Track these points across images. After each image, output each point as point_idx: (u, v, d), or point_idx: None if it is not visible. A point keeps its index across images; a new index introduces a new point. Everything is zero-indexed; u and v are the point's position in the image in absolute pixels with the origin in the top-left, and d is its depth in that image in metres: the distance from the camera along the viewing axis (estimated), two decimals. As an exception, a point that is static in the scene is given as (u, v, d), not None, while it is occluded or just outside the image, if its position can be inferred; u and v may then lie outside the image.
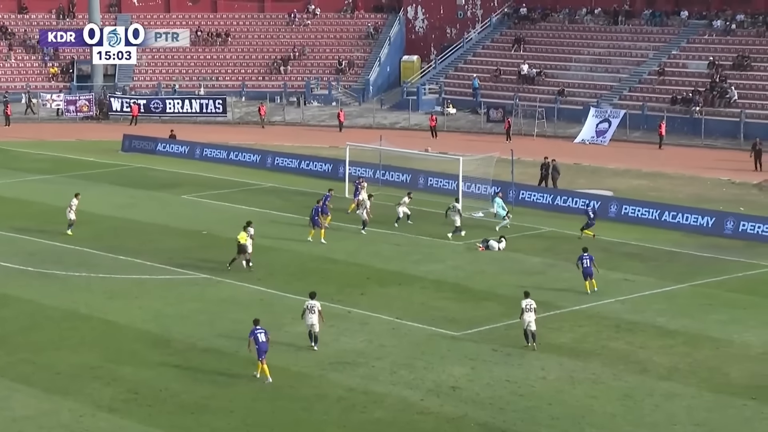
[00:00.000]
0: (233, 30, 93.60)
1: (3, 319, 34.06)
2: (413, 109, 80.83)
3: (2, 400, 27.57)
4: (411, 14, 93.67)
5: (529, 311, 31.57)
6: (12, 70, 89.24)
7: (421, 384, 28.81)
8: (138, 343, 31.86)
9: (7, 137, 72.38)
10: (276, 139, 71.79)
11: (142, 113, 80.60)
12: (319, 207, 44.08)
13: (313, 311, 31.28)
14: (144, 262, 40.85)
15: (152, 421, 26.32)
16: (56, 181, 57.51)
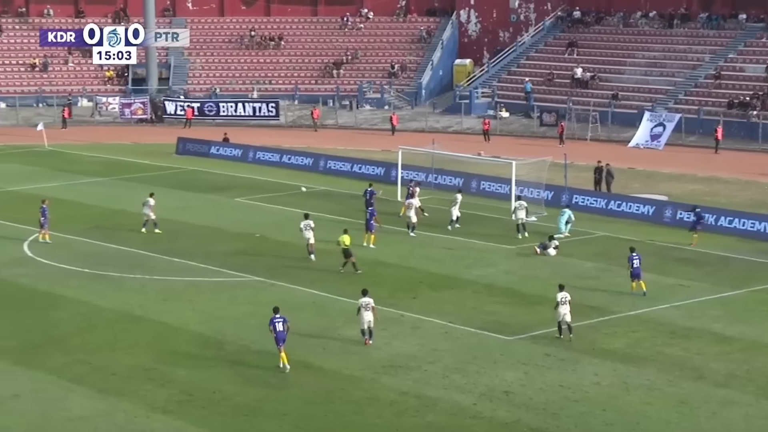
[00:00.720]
0: (286, 34, 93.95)
1: (59, 321, 34.40)
2: (466, 112, 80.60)
3: (59, 400, 27.85)
4: (464, 18, 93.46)
5: (564, 304, 32.17)
6: (70, 73, 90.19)
7: (474, 388, 28.71)
8: (191, 345, 32.05)
9: (63, 140, 73.17)
10: (328, 142, 71.95)
11: (196, 116, 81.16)
12: (373, 209, 44.03)
13: (368, 308, 31.75)
14: (197, 265, 41.09)
15: (206, 423, 26.45)
16: (111, 184, 58.08)
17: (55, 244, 43.89)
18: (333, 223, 46.09)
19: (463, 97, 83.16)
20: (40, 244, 43.78)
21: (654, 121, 72.12)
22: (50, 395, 28.19)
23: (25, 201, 52.67)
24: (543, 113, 77.71)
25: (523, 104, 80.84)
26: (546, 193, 51.06)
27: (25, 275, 39.50)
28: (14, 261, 41.63)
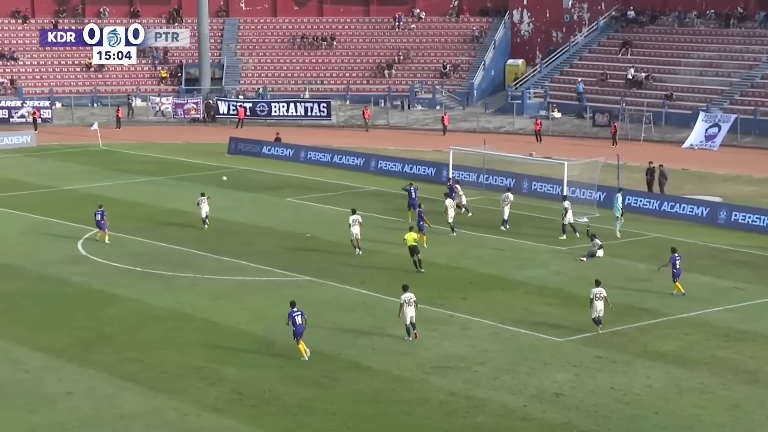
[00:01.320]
0: (338, 34, 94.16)
1: (111, 319, 34.69)
2: (518, 113, 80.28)
3: (111, 397, 28.08)
4: (517, 18, 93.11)
5: (599, 300, 32.52)
6: (125, 74, 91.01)
7: (524, 390, 28.58)
8: (242, 344, 32.17)
9: (117, 139, 73.84)
10: (380, 142, 72.01)
11: (249, 116, 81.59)
12: (422, 210, 43.95)
13: (410, 304, 31.95)
14: (248, 264, 41.27)
15: (256, 421, 26.54)
16: (163, 183, 58.52)
17: (108, 243, 44.25)
18: (383, 222, 46.12)
19: (515, 98, 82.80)
20: (94, 243, 44.15)
21: (709, 122, 71.39)
22: (102, 392, 28.43)
23: (80, 200, 53.24)
24: (596, 114, 77.24)
25: (576, 105, 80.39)
26: (598, 194, 50.69)
27: (79, 273, 39.89)
28: (68, 259, 42.06)
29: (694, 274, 39.64)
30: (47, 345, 31.97)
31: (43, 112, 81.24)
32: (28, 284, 38.57)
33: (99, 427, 26.21)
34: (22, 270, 40.50)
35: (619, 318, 34.51)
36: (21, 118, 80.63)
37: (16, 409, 27.27)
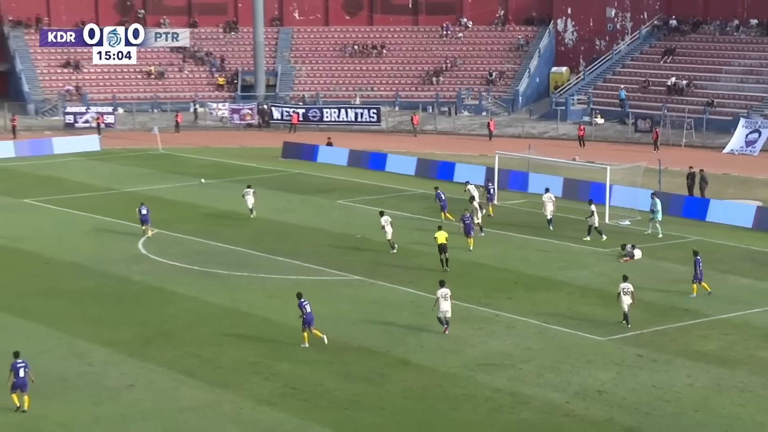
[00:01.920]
0: (388, 42, 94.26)
1: (170, 315, 34.96)
2: (562, 119, 79.99)
3: (170, 391, 28.31)
4: (561, 27, 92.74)
5: (627, 294, 33.08)
6: (184, 80, 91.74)
7: (567, 387, 28.47)
8: (295, 341, 32.23)
9: (176, 143, 74.38)
10: (427, 147, 72.01)
11: (301, 122, 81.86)
12: (466, 216, 43.76)
13: (446, 298, 32.32)
14: (301, 264, 41.42)
15: (308, 415, 26.65)
16: (220, 186, 58.83)
17: (167, 243, 44.65)
18: (430, 224, 46.05)
19: (559, 104, 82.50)
20: (154, 243, 44.53)
21: (749, 128, 70.66)
22: (162, 386, 28.67)
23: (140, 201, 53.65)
24: (638, 120, 76.73)
25: (618, 111, 79.88)
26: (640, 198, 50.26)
27: (139, 272, 40.22)
28: (129, 258, 42.42)
29: (734, 276, 39.32)
30: (110, 340, 32.29)
31: (107, 118, 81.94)
32: (91, 282, 38.96)
33: (159, 419, 26.43)
34: (86, 268, 40.91)
35: (660, 318, 34.31)
36: (86, 123, 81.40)
37: (81, 400, 27.59)
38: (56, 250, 43.70)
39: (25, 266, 41.28)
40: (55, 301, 36.46)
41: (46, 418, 26.43)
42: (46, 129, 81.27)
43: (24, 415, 26.53)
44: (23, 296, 37.06)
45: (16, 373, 26.92)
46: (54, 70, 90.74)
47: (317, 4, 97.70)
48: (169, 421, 26.33)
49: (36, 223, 49.28)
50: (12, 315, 34.83)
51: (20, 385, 26.82)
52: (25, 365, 27.09)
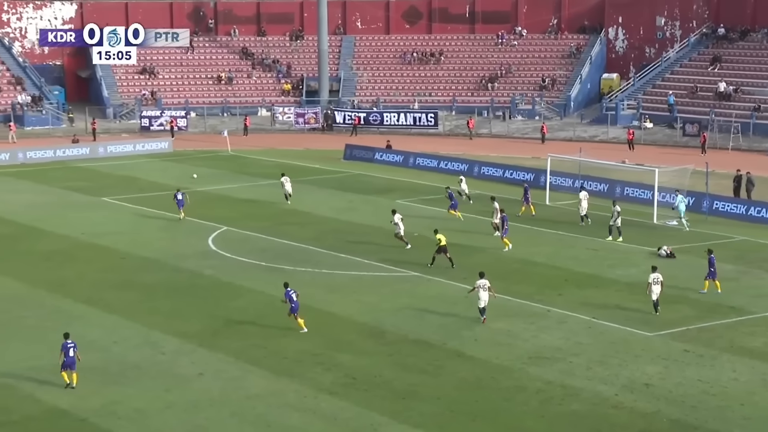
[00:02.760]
0: (446, 50, 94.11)
1: (238, 308, 35.17)
2: (612, 123, 79.39)
3: (237, 379, 28.49)
4: (612, 35, 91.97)
5: (656, 284, 33.49)
6: (252, 86, 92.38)
7: (616, 380, 28.22)
8: (355, 334, 32.36)
9: (244, 146, 74.90)
10: (482, 149, 71.79)
11: (363, 125, 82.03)
12: (506, 217, 43.39)
13: (485, 289, 32.63)
14: (361, 260, 41.48)
15: (367, 404, 26.68)
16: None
17: (235, 240, 44.95)
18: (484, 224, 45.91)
19: (609, 109, 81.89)
20: (223, 239, 44.83)
21: (794, 132, 69.60)
22: (230, 375, 28.86)
23: (210, 200, 54.14)
24: (686, 124, 75.90)
25: (667, 116, 79.07)
26: (687, 199, 49.72)
27: (210, 267, 40.51)
28: (200, 254, 42.76)
29: (779, 276, 38.76)
30: (181, 331, 32.56)
31: (179, 121, 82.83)
32: (164, 276, 39.34)
33: (227, 406, 26.61)
34: (159, 263, 41.31)
35: (707, 315, 33.89)
36: (160, 126, 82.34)
37: (154, 387, 27.86)
38: (132, 245, 44.18)
39: (103, 261, 41.79)
40: (131, 294, 36.87)
41: (121, 403, 26.74)
42: (124, 132, 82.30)
43: (101, 401, 26.84)
44: (101, 289, 37.52)
45: (66, 353, 27.70)
46: (131, 76, 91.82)
47: (379, 13, 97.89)
48: (237, 407, 26.50)
49: (113, 221, 49.88)
50: (91, 306, 35.28)
51: (69, 363, 27.60)
52: (74, 345, 27.88)
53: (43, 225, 48.34)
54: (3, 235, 46.45)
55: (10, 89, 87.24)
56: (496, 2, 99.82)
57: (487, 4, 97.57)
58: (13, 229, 47.59)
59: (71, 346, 27.84)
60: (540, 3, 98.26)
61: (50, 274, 39.38)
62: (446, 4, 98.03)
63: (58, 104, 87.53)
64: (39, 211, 51.69)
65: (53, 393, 27.27)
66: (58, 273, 39.63)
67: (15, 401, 26.80)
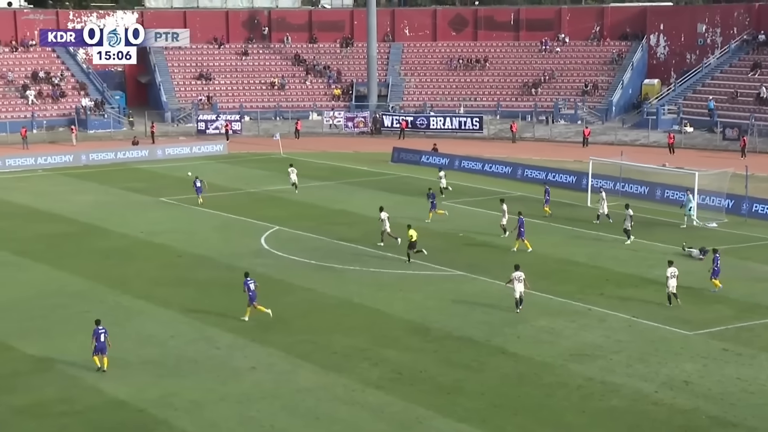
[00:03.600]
0: (491, 56, 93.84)
1: (289, 305, 35.30)
2: (652, 127, 78.66)
3: (288, 373, 28.61)
4: (653, 42, 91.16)
5: (673, 278, 34.08)
6: (304, 91, 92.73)
7: (655, 377, 27.96)
8: (401, 330, 32.36)
9: (296, 149, 75.18)
10: (526, 153, 71.47)
11: (409, 129, 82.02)
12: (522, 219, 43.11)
13: (520, 281, 33.17)
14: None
15: (413, 398, 26.68)
16: (335, 187, 59.29)
17: (287, 239, 45.13)
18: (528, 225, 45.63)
19: (650, 114, 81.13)
20: (275, 239, 45.02)
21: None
22: (281, 368, 28.98)
23: (263, 201, 54.44)
24: (726, 128, 74.99)
25: (707, 120, 78.18)
26: (726, 202, 49.28)
27: (262, 265, 40.65)
28: (253, 252, 42.97)
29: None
30: (235, 326, 32.75)
31: (234, 125, 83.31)
32: (219, 273, 39.57)
33: (278, 398, 26.74)
34: (214, 261, 41.58)
35: (746, 314, 33.49)
36: (215, 129, 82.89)
37: (210, 380, 28.07)
38: (188, 244, 44.53)
39: (161, 258, 42.16)
40: (186, 290, 37.15)
41: (177, 395, 26.96)
42: (181, 135, 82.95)
43: (158, 392, 27.09)
44: (159, 285, 37.86)
45: (97, 338, 28.45)
46: (189, 81, 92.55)
47: (426, 21, 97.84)
48: (287, 400, 26.62)
49: (170, 220, 50.31)
50: (149, 302, 35.61)
51: (100, 348, 28.40)
52: (104, 331, 28.59)
53: (105, 224, 48.90)
54: (67, 233, 47.06)
55: (75, 94, 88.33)
56: (540, 10, 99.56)
57: (532, 13, 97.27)
58: (76, 228, 48.20)
59: (102, 332, 28.53)
60: (583, 11, 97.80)
61: (111, 271, 39.82)
62: (492, 13, 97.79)
63: (119, 108, 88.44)
64: (100, 211, 52.29)
65: (113, 384, 27.59)
66: (118, 270, 40.06)
67: (78, 392, 27.14)
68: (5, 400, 26.53)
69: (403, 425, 25.00)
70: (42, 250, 43.33)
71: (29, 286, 37.63)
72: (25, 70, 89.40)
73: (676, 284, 34.13)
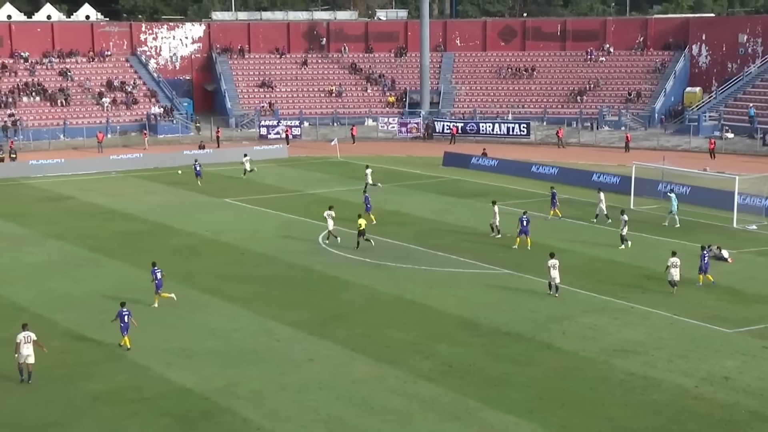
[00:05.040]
0: (538, 65, 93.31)
1: (346, 301, 35.37)
2: (694, 133, 77.64)
3: (344, 365, 28.65)
4: (695, 51, 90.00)
5: (675, 267, 35.06)
6: (359, 98, 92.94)
7: (696, 373, 27.58)
8: (452, 325, 32.26)
9: (352, 153, 75.36)
10: (571, 157, 70.92)
11: (460, 134, 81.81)
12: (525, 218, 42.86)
13: (555, 268, 34.57)
14: (458, 258, 41.36)
15: (462, 390, 26.58)
16: (388, 190, 59.23)
17: (343, 238, 45.12)
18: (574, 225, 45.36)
19: (692, 120, 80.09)
20: (332, 238, 45.04)
21: None
22: (337, 361, 29.03)
23: (320, 202, 54.50)
24: (766, 135, 73.76)
25: (747, 126, 77.03)
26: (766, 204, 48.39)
27: (319, 263, 40.81)
28: (311, 251, 43.11)
29: None
30: (294, 320, 32.88)
31: (294, 130, 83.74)
32: (279, 270, 39.76)
33: (334, 389, 26.79)
34: (274, 259, 41.78)
35: (784, 314, 32.92)
36: (276, 134, 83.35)
37: (270, 371, 28.20)
38: (250, 242, 44.80)
39: (225, 256, 42.46)
40: (249, 286, 37.37)
41: (240, 384, 27.13)
42: (244, 139, 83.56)
43: (222, 381, 27.25)
44: (223, 281, 38.12)
45: (122, 319, 29.43)
46: (252, 89, 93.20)
47: (476, 32, 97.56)
48: (343, 391, 26.66)
49: (234, 220, 50.67)
50: (214, 297, 35.88)
51: (125, 328, 29.48)
52: (128, 313, 29.60)
53: (173, 223, 49.39)
54: (139, 232, 47.61)
55: (146, 101, 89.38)
56: (586, 21, 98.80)
57: (578, 24, 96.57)
58: (147, 227, 48.74)
59: (126, 314, 29.52)
60: (627, 22, 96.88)
61: (179, 267, 40.18)
62: (539, 24, 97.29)
63: (186, 115, 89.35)
64: (169, 211, 52.83)
65: (180, 373, 27.84)
66: (186, 266, 40.42)
67: (147, 380, 27.43)
68: (83, 386, 26.91)
69: (452, 416, 24.92)
70: (116, 248, 43.89)
71: (105, 281, 38.13)
72: (101, 78, 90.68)
73: (678, 273, 34.97)
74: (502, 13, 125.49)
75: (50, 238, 45.87)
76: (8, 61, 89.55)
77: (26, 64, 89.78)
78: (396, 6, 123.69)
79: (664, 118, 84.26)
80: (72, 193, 58.90)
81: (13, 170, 67.70)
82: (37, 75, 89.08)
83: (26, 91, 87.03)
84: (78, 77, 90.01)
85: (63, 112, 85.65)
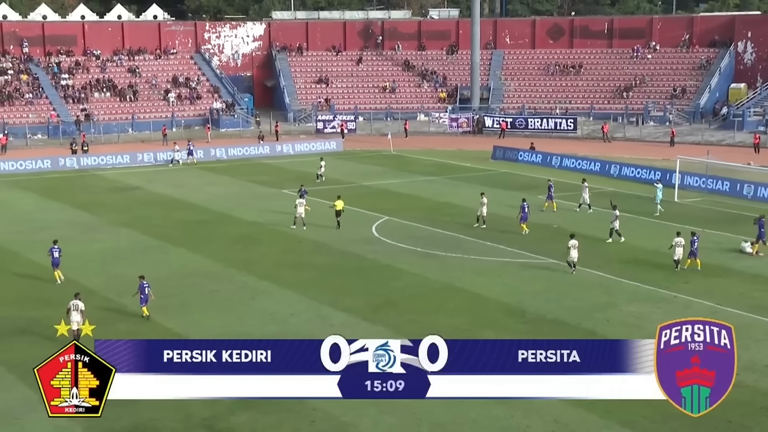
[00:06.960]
0: (585, 62, 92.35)
1: (397, 288, 35.34)
2: (738, 129, 76.29)
3: (394, 349, 28.59)
4: (741, 48, 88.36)
5: (679, 247, 36.09)
6: (412, 94, 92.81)
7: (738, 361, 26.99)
8: (498, 313, 32.11)
9: (405, 146, 75.31)
10: (616, 151, 70.11)
11: (509, 129, 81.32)
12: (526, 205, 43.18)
13: (575, 248, 35.74)
14: (506, 248, 41.13)
15: (508, 374, 26.37)
16: (440, 182, 59.14)
17: (395, 228, 45.16)
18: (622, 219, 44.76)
19: (736, 116, 78.71)
20: (386, 227, 45.04)
21: None
22: (388, 345, 28.98)
23: (375, 193, 54.62)
24: (809, 129, 72.31)
25: (791, 122, 75.53)
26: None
27: (372, 251, 40.85)
28: (365, 240, 43.16)
29: None
30: (347, 306, 32.94)
31: (349, 124, 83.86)
32: (334, 259, 39.85)
33: (385, 372, 26.74)
34: (329, 247, 41.89)
35: (826, 306, 32.22)
36: (332, 128, 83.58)
37: (323, 354, 28.22)
38: (306, 231, 44.95)
39: (282, 244, 42.66)
40: (305, 273, 37.49)
41: (295, 366, 27.17)
42: (301, 133, 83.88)
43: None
44: (280, 268, 38.31)
45: (142, 291, 31.04)
46: (309, 85, 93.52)
47: (525, 30, 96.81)
48: (393, 374, 26.59)
49: (291, 209, 50.84)
50: (271, 283, 36.07)
51: (144, 299, 31.01)
52: (148, 285, 31.11)
53: (234, 212, 49.76)
54: (201, 221, 48.04)
55: (209, 97, 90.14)
56: (633, 20, 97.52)
57: (624, 22, 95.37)
58: (209, 216, 49.17)
59: (146, 286, 31.03)
60: (673, 20, 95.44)
61: (238, 254, 40.47)
62: (587, 22, 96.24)
63: (247, 109, 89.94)
64: (230, 201, 53.23)
65: (239, 355, 27.98)
66: (245, 254, 40.69)
67: (207, 361, 27.61)
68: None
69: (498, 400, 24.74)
70: (180, 236, 44.33)
71: (169, 267, 38.53)
72: (167, 75, 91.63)
73: (681, 252, 36.00)
74: (550, 11, 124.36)
75: (119, 226, 46.50)
76: (81, 59, 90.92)
77: (98, 61, 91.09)
78: (448, 5, 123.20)
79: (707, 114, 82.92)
80: (139, 184, 59.65)
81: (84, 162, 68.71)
82: (107, 72, 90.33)
83: (98, 87, 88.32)
84: (146, 74, 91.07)
85: (131, 107, 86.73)
